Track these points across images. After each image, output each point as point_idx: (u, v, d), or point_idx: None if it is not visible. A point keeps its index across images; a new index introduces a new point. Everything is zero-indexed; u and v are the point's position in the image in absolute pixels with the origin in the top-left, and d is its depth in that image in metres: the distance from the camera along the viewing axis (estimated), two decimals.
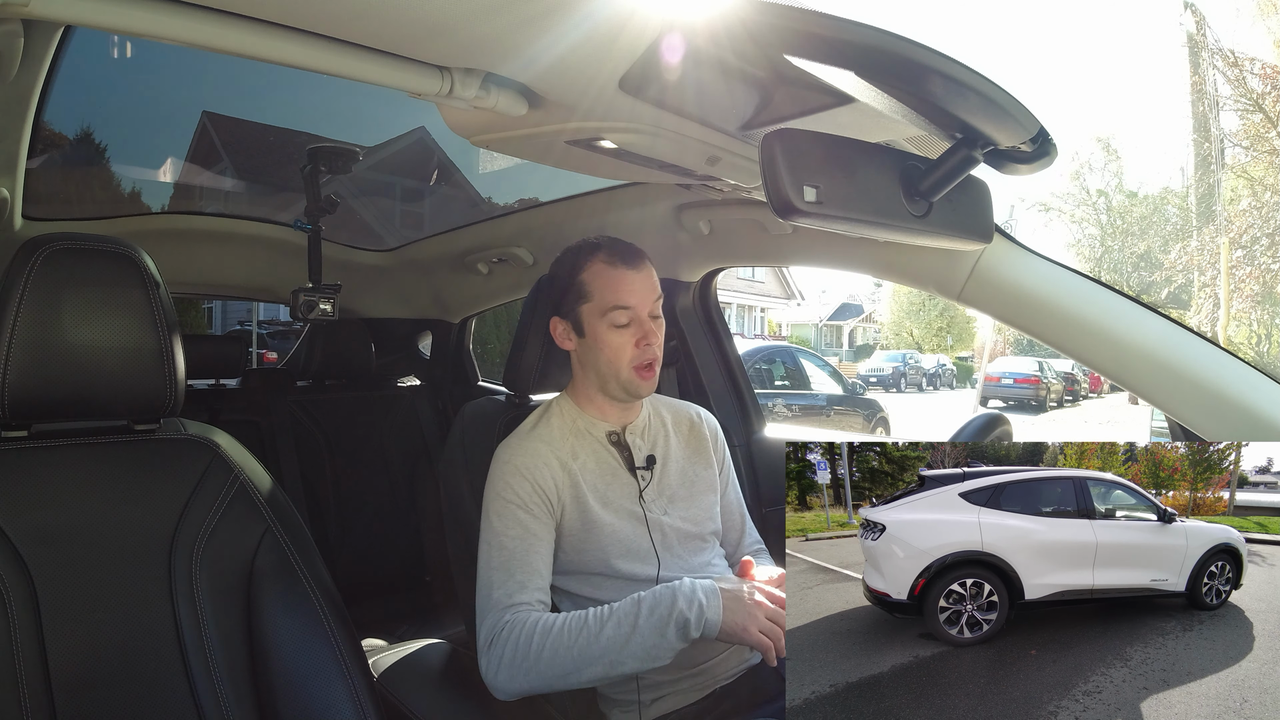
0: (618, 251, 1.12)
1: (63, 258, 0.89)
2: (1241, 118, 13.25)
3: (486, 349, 6.64)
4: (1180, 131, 24.42)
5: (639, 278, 1.11)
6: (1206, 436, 0.97)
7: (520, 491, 1.08)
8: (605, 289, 1.10)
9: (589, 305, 1.12)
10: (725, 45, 0.78)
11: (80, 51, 1.18)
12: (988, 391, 14.58)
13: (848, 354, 26.64)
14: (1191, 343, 1.01)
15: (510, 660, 0.98)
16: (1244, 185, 13.30)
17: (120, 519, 0.92)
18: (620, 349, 1.11)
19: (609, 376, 1.13)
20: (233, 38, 0.74)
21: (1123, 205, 19.94)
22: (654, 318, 1.13)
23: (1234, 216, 13.00)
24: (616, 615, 0.97)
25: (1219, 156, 13.64)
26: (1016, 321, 1.14)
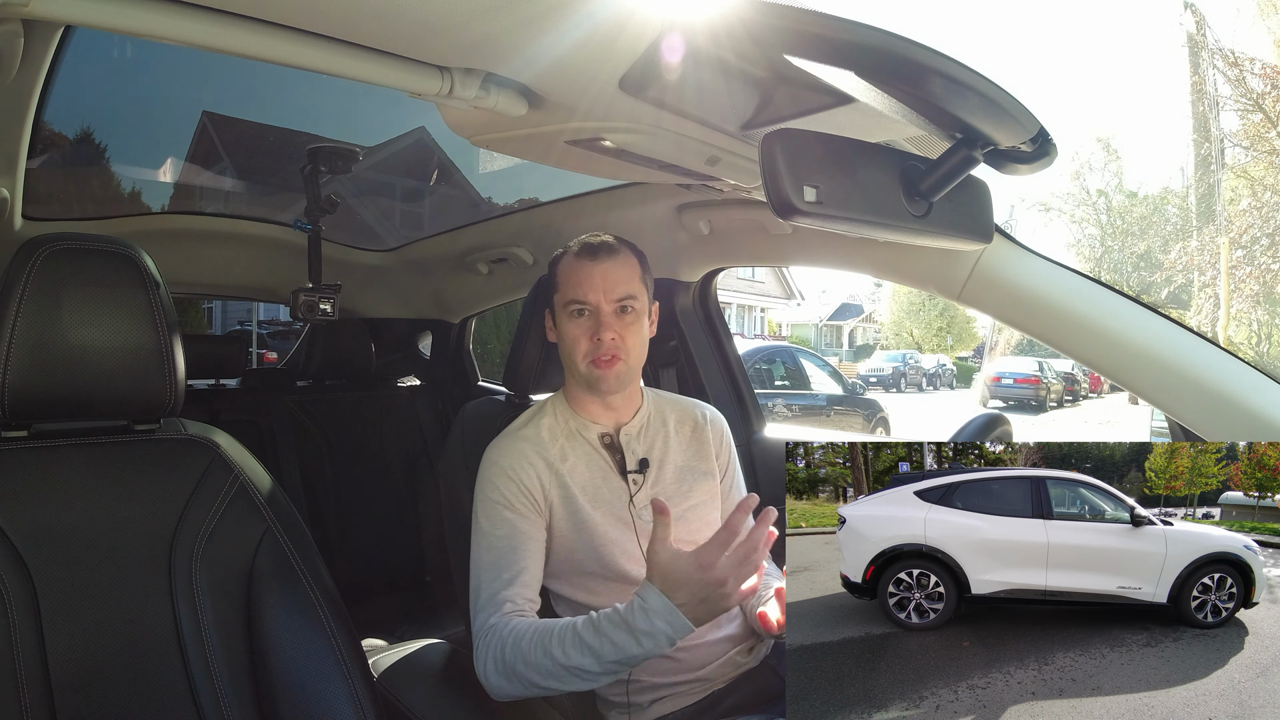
0: (587, 244, 1.13)
1: (63, 258, 0.89)
2: (1241, 118, 13.26)
3: (486, 349, 6.64)
4: (1180, 131, 24.46)
5: (598, 269, 1.10)
6: (1207, 437, 0.97)
7: (506, 491, 1.08)
8: (567, 281, 1.11)
9: (557, 297, 1.13)
10: (725, 45, 0.78)
11: (80, 51, 1.17)
12: (987, 391, 14.60)
13: (848, 354, 26.64)
14: (1191, 343, 1.01)
15: (496, 665, 0.97)
16: (1244, 185, 13.30)
17: (120, 519, 0.92)
18: (575, 340, 1.11)
19: (570, 369, 1.14)
20: (233, 38, 0.74)
21: (1123, 205, 19.93)
22: (622, 311, 1.10)
23: (1234, 216, 13.00)
24: (581, 641, 0.90)
25: (1219, 156, 13.64)
26: (1016, 321, 1.14)
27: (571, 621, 0.93)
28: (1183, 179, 17.06)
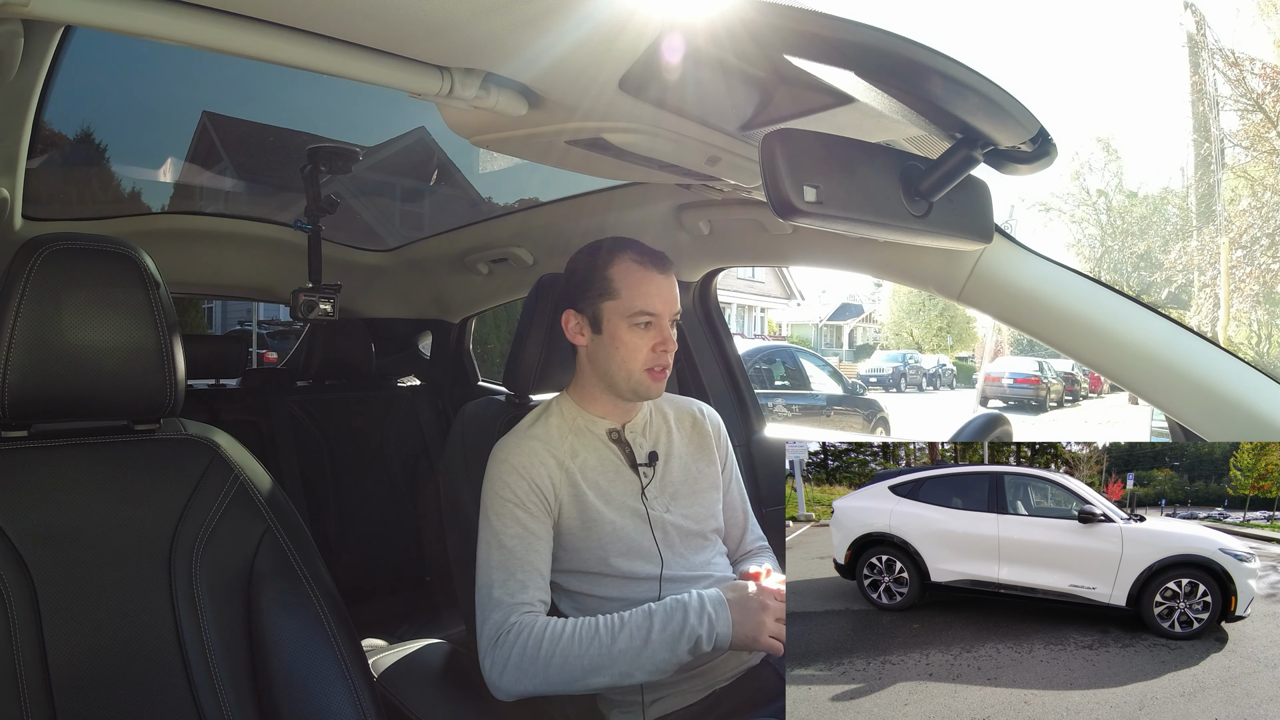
0: (648, 254, 1.12)
1: (63, 258, 0.89)
2: (1241, 118, 13.27)
3: (486, 349, 6.64)
4: (1180, 131, 24.44)
5: (667, 284, 1.12)
6: (1207, 436, 0.97)
7: (517, 490, 1.08)
8: (634, 289, 1.10)
9: (613, 303, 1.11)
10: (725, 45, 0.78)
11: (80, 51, 1.17)
12: (988, 391, 14.60)
13: (848, 354, 26.64)
14: (1191, 343, 1.01)
15: (517, 663, 0.98)
16: (1244, 185, 13.31)
17: (120, 519, 0.92)
18: (637, 350, 1.11)
19: (620, 376, 1.12)
20: (233, 38, 0.74)
21: (1123, 205, 19.94)
22: (674, 324, 1.14)
23: (1234, 216, 13.00)
24: (629, 627, 0.98)
25: (1219, 156, 13.65)
26: (1016, 321, 1.14)
27: (613, 615, 1.00)
28: (1183, 179, 17.09)
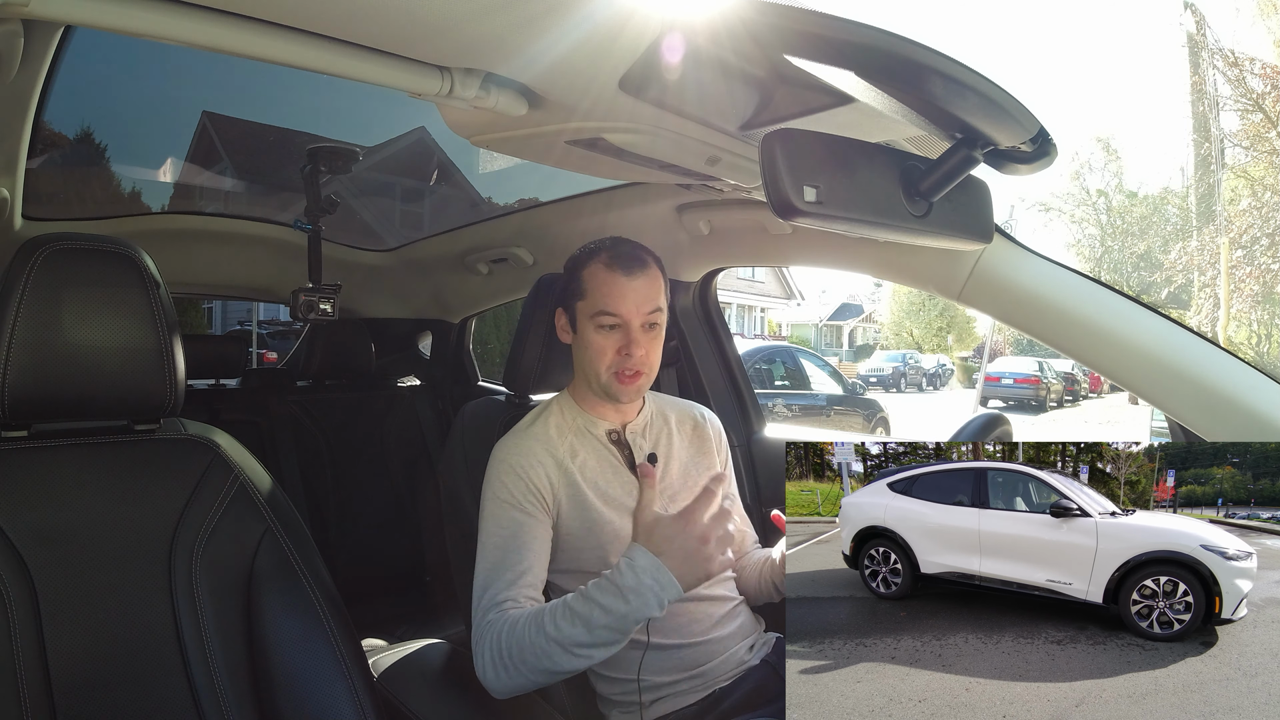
0: (619, 255, 1.11)
1: (63, 258, 0.89)
2: (1241, 118, 13.28)
3: (486, 349, 6.65)
4: (1180, 131, 24.48)
5: (633, 286, 1.09)
6: (1207, 436, 0.97)
7: (514, 490, 1.08)
8: (597, 291, 1.10)
9: (582, 304, 1.12)
10: (725, 45, 0.78)
11: (80, 51, 1.17)
12: (987, 391, 14.59)
13: (848, 354, 26.64)
14: (1191, 343, 1.01)
15: (494, 658, 0.97)
16: (1244, 185, 13.31)
17: (120, 519, 0.92)
18: (602, 351, 1.10)
19: (590, 376, 1.13)
20: (233, 38, 0.74)
21: (1123, 205, 19.95)
22: (649, 327, 1.11)
23: (1234, 216, 13.01)
24: (571, 612, 0.92)
25: (1219, 156, 13.66)
26: (1016, 321, 1.14)
27: (562, 598, 0.95)
28: (1183, 179, 17.11)
